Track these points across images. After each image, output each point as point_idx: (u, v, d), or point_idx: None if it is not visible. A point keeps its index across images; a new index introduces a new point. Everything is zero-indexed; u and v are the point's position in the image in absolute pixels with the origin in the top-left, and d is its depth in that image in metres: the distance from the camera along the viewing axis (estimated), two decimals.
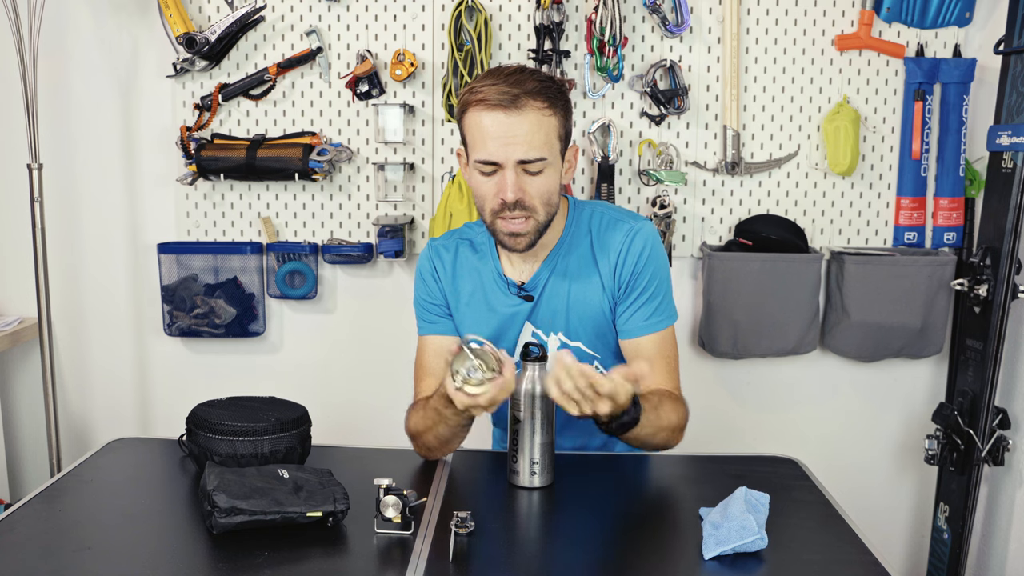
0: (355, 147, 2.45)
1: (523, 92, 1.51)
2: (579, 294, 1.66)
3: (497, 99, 1.50)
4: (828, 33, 2.40)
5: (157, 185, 2.51)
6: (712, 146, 2.44)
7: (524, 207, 1.55)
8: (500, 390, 1.41)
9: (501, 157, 1.52)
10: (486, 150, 1.53)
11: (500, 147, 1.52)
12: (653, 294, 1.65)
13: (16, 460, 2.63)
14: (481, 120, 1.53)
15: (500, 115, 1.51)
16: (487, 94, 1.51)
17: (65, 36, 2.44)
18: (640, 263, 1.64)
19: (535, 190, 1.55)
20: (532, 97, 1.51)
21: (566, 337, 1.69)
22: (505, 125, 1.51)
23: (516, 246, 1.60)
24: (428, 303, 1.73)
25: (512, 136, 1.51)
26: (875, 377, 2.54)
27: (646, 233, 1.66)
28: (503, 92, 1.50)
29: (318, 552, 1.31)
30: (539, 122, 1.52)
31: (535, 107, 1.52)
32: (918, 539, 2.62)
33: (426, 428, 1.61)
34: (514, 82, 1.52)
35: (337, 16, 2.41)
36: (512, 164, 1.53)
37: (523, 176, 1.54)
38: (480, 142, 1.54)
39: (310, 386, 2.29)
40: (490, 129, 1.52)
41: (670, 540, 1.45)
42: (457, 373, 1.42)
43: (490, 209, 1.58)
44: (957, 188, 2.42)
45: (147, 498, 1.56)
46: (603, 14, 2.28)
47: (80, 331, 2.59)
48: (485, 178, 1.56)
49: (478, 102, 1.52)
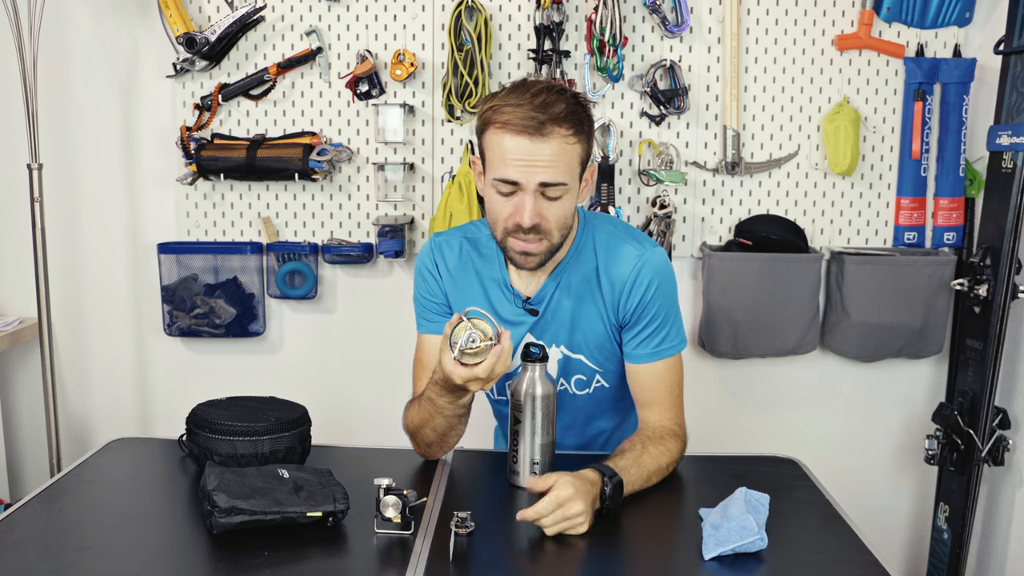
0: (355, 147, 2.45)
1: (549, 119, 1.47)
2: (582, 311, 1.65)
3: (522, 125, 1.47)
4: (828, 33, 2.40)
5: (157, 185, 2.51)
6: (712, 146, 2.44)
7: (539, 231, 1.53)
8: (498, 359, 1.41)
9: (523, 179, 1.49)
10: (507, 170, 1.50)
11: (522, 169, 1.49)
12: (660, 325, 1.63)
13: (16, 460, 2.63)
14: (503, 141, 1.49)
15: (524, 140, 1.47)
16: (512, 118, 1.47)
17: (65, 36, 2.44)
18: (647, 296, 1.61)
19: (552, 215, 1.52)
20: (558, 124, 1.47)
21: (568, 350, 1.67)
22: (529, 150, 1.48)
23: (526, 264, 1.58)
24: (428, 300, 1.72)
25: (535, 160, 1.48)
26: (875, 377, 2.54)
27: (654, 264, 1.62)
28: (529, 118, 1.46)
29: (318, 552, 1.31)
30: (563, 149, 1.49)
31: (560, 134, 1.48)
32: (918, 539, 2.62)
33: (423, 422, 1.60)
34: (541, 106, 1.47)
35: (337, 16, 2.41)
36: (533, 187, 1.50)
37: (541, 200, 1.51)
38: (500, 162, 1.51)
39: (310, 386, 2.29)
40: (513, 152, 1.49)
41: (670, 540, 1.45)
42: (455, 343, 1.42)
43: (503, 228, 1.55)
44: (957, 188, 2.42)
45: (147, 498, 1.56)
46: (603, 14, 2.28)
47: (80, 331, 2.59)
48: (502, 198, 1.53)
49: (503, 124, 1.49)
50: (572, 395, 1.72)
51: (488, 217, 1.59)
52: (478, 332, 1.41)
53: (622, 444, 1.57)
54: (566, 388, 1.71)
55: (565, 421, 1.73)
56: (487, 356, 1.41)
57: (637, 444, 1.56)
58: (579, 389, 1.71)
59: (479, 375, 1.42)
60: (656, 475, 1.55)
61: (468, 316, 1.42)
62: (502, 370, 1.43)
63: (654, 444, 1.57)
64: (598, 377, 1.70)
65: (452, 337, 1.42)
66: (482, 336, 1.41)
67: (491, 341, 1.41)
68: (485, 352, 1.41)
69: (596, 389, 1.71)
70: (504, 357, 1.42)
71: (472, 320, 1.42)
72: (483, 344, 1.41)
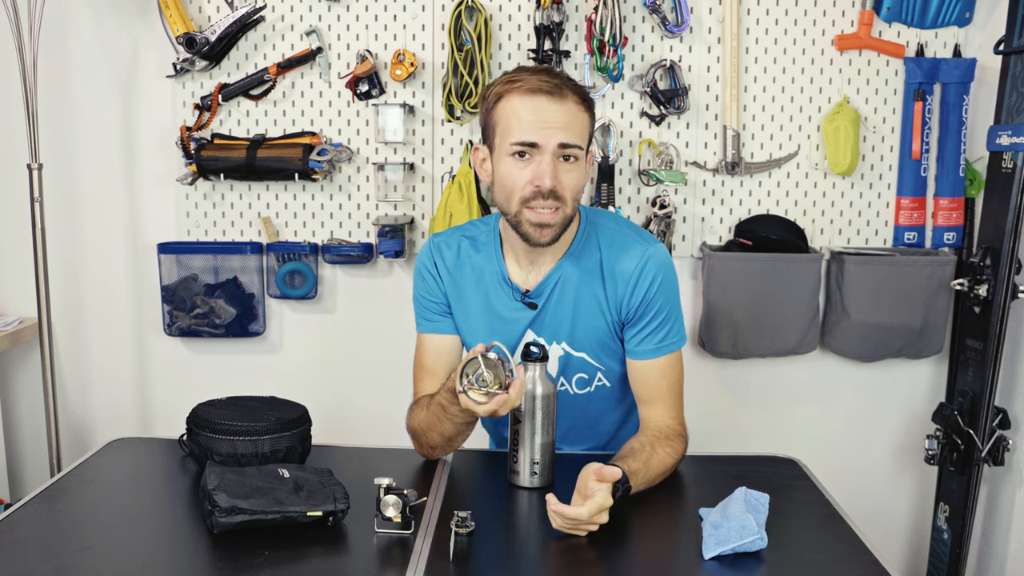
0: (355, 147, 2.45)
1: (565, 83, 1.54)
2: (584, 307, 1.65)
3: (539, 85, 1.52)
4: (828, 33, 2.40)
5: (157, 185, 2.51)
6: (712, 146, 2.44)
7: (557, 197, 1.54)
8: (501, 406, 1.42)
9: (542, 139, 1.52)
10: (524, 133, 1.53)
11: (541, 129, 1.52)
12: (663, 321, 1.63)
13: (16, 460, 2.63)
14: (522, 105, 1.53)
15: (543, 100, 1.52)
16: (528, 81, 1.53)
17: (65, 36, 2.44)
18: (651, 292, 1.62)
19: (568, 181, 1.55)
20: (573, 90, 1.54)
21: (570, 347, 1.67)
22: (547, 110, 1.52)
23: (542, 238, 1.57)
24: (428, 300, 1.72)
25: (554, 120, 1.52)
26: (875, 377, 2.54)
27: (658, 260, 1.63)
28: (544, 80, 1.53)
29: (318, 552, 1.32)
30: (576, 114, 1.55)
31: (575, 100, 1.54)
32: (918, 539, 2.62)
33: (429, 426, 1.60)
34: (552, 75, 1.55)
35: (337, 16, 2.41)
36: (552, 148, 1.52)
37: (559, 165, 1.54)
38: (518, 126, 1.53)
39: (310, 386, 2.29)
40: (531, 113, 1.53)
41: (670, 540, 1.46)
42: (466, 376, 1.43)
43: (520, 197, 1.55)
44: (957, 188, 2.42)
45: (147, 498, 1.56)
46: (603, 14, 2.28)
47: (80, 331, 2.59)
48: (519, 164, 1.54)
49: (518, 88, 1.54)
50: (573, 395, 1.71)
51: (500, 193, 1.59)
52: (491, 374, 1.42)
53: (631, 443, 1.56)
54: (567, 388, 1.71)
55: (567, 423, 1.72)
56: (491, 402, 1.42)
57: (647, 446, 1.55)
58: (580, 388, 1.71)
59: (478, 412, 1.45)
60: (660, 476, 1.55)
61: (486, 355, 1.42)
62: (504, 412, 1.44)
63: (663, 445, 1.57)
64: (599, 375, 1.70)
65: (465, 369, 1.43)
66: (494, 379, 1.42)
67: (499, 388, 1.42)
68: (490, 396, 1.42)
69: (597, 388, 1.71)
70: (509, 405, 1.43)
71: (488, 360, 1.42)
72: (491, 388, 1.42)
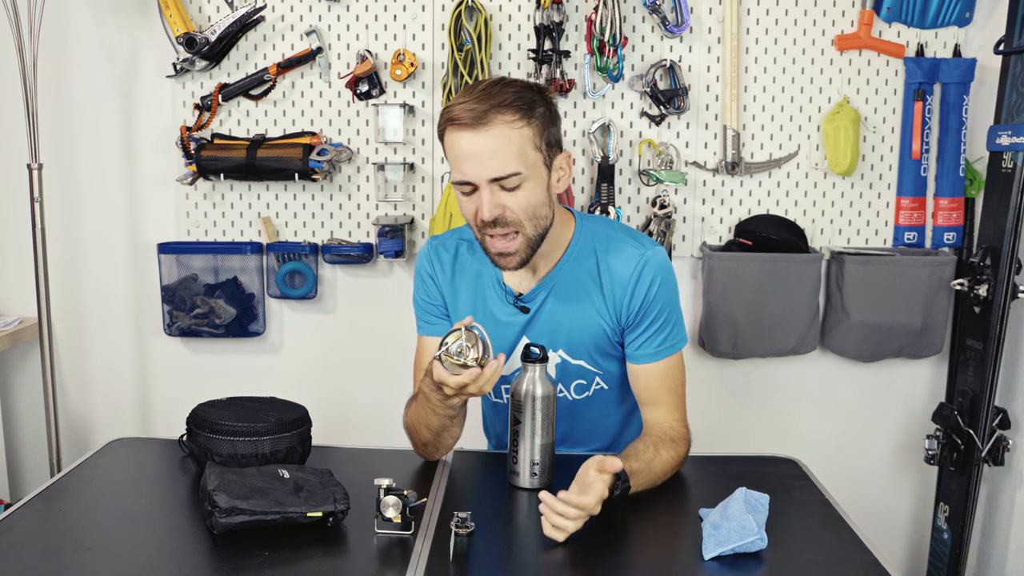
0: (355, 147, 2.45)
1: (491, 107, 1.46)
2: (580, 314, 1.64)
3: (463, 117, 1.47)
4: (828, 33, 2.40)
5: (157, 185, 2.51)
6: (712, 146, 2.44)
7: (506, 223, 1.52)
8: (471, 381, 1.42)
9: (473, 176, 1.49)
10: (459, 171, 1.51)
11: (471, 167, 1.49)
12: (663, 324, 1.63)
13: (16, 460, 2.63)
14: (453, 141, 1.50)
15: (467, 134, 1.47)
16: (455, 113, 1.48)
17: (65, 36, 2.44)
18: (650, 295, 1.61)
19: (516, 205, 1.51)
20: (500, 111, 1.46)
21: (568, 355, 1.67)
22: (473, 144, 1.48)
23: (507, 265, 1.57)
24: (427, 303, 1.73)
25: (480, 155, 1.48)
26: (875, 377, 2.54)
27: (656, 262, 1.62)
28: (469, 109, 1.46)
29: (318, 552, 1.32)
30: (508, 137, 1.47)
31: (503, 121, 1.47)
32: (918, 539, 2.62)
33: (418, 420, 1.60)
34: (483, 96, 1.47)
35: (337, 16, 2.41)
36: (485, 183, 1.49)
37: (500, 193, 1.50)
38: (454, 163, 1.52)
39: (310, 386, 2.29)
40: (460, 149, 1.49)
41: (670, 540, 1.46)
42: (444, 344, 1.44)
43: (476, 228, 1.56)
44: (957, 188, 2.42)
45: (147, 498, 1.56)
46: (603, 14, 2.28)
47: (80, 331, 2.59)
48: (465, 198, 1.54)
49: (448, 122, 1.50)
50: (572, 400, 1.71)
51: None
52: (470, 349, 1.42)
53: (634, 444, 1.56)
54: (565, 395, 1.70)
55: (566, 427, 1.71)
56: (463, 374, 1.43)
57: (650, 447, 1.55)
58: (578, 394, 1.71)
59: (448, 383, 1.44)
60: (661, 478, 1.55)
61: (470, 328, 1.43)
62: (474, 391, 1.45)
63: (666, 447, 1.56)
64: (598, 379, 1.70)
65: (447, 339, 1.44)
66: (470, 354, 1.42)
67: (474, 363, 1.42)
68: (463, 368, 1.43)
69: (596, 392, 1.71)
70: (480, 383, 1.43)
71: (472, 335, 1.43)
72: (467, 361, 1.42)
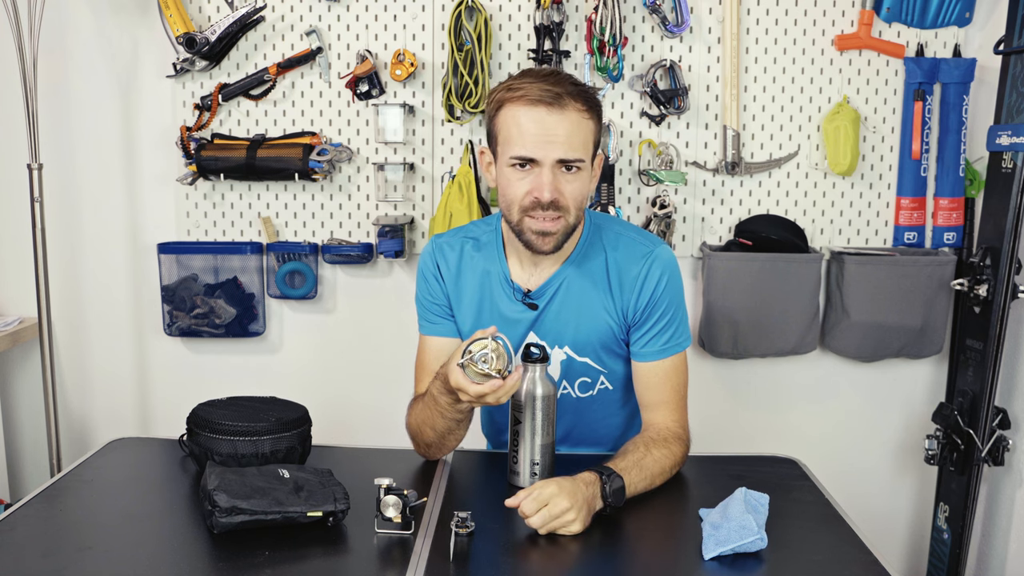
0: (355, 147, 2.45)
1: (567, 92, 1.50)
2: (588, 311, 1.64)
3: (539, 96, 1.49)
4: (828, 33, 2.40)
5: (157, 185, 2.51)
6: (712, 146, 2.44)
7: (558, 207, 1.52)
8: (491, 392, 1.41)
9: (540, 155, 1.50)
10: (524, 147, 1.51)
11: (540, 144, 1.50)
12: (669, 322, 1.63)
13: (16, 460, 2.63)
14: (520, 116, 1.50)
15: (542, 112, 1.49)
16: (529, 91, 1.49)
17: (65, 36, 2.44)
18: (657, 293, 1.61)
19: (570, 191, 1.52)
20: (574, 99, 1.50)
21: (573, 352, 1.66)
22: (546, 123, 1.49)
23: (543, 246, 1.56)
24: (430, 302, 1.72)
25: (553, 134, 1.49)
26: (875, 377, 2.54)
27: (663, 260, 1.63)
28: (545, 90, 1.49)
29: (318, 552, 1.32)
30: (579, 123, 1.51)
31: (576, 108, 1.50)
32: (918, 539, 2.62)
33: (423, 421, 1.60)
34: (555, 82, 1.50)
35: (337, 16, 2.41)
36: (551, 163, 1.50)
37: (559, 176, 1.51)
38: (518, 138, 1.51)
39: (310, 386, 2.29)
40: (530, 126, 1.50)
41: (670, 540, 1.46)
42: (469, 352, 1.42)
43: (520, 207, 1.54)
44: (957, 188, 2.42)
45: (147, 498, 1.56)
46: (603, 14, 2.28)
47: (80, 331, 2.59)
48: (519, 175, 1.53)
49: (519, 98, 1.50)
50: (576, 398, 1.71)
51: (502, 200, 1.58)
52: (495, 359, 1.41)
53: (625, 445, 1.57)
54: (569, 392, 1.70)
55: (568, 425, 1.72)
56: (484, 384, 1.41)
57: (640, 446, 1.55)
58: (582, 392, 1.70)
59: (467, 391, 1.42)
60: (659, 478, 1.54)
61: (496, 338, 1.42)
62: (492, 401, 1.43)
63: (657, 447, 1.56)
64: (603, 379, 1.70)
65: (470, 346, 1.42)
66: (495, 364, 1.41)
67: (497, 374, 1.41)
68: (486, 378, 1.41)
69: (600, 392, 1.71)
70: (498, 394, 1.42)
71: (499, 345, 1.42)
72: (490, 370, 1.41)
